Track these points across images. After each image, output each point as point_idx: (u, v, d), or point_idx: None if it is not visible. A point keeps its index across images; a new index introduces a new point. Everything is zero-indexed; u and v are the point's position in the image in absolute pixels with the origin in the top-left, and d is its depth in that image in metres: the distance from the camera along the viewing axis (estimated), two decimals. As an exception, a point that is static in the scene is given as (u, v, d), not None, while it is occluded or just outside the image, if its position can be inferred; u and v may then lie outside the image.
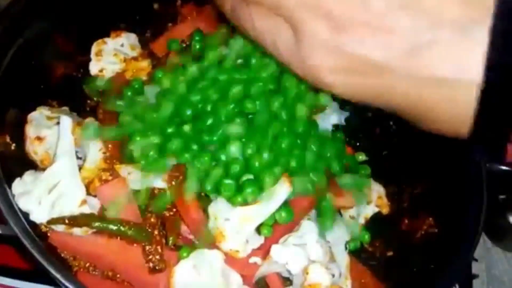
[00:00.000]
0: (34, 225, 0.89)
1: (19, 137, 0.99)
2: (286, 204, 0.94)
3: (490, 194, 1.32)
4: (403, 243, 1.11)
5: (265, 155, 0.94)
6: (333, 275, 0.92)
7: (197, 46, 1.18)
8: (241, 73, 1.02)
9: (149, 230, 0.92)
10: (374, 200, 1.13)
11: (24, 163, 0.98)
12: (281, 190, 0.93)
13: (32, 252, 0.80)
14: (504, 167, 1.28)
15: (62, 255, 0.93)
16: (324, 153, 1.05)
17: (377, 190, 1.15)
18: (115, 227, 0.90)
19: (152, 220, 0.94)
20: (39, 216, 0.89)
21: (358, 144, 1.25)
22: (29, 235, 0.82)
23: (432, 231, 1.07)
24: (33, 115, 1.02)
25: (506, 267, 1.46)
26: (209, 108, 0.98)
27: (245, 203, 0.92)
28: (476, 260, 1.43)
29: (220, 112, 0.97)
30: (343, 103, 1.28)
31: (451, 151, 1.10)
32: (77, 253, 0.93)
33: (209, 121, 0.96)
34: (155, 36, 1.25)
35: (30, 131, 0.99)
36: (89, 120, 1.01)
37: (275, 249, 0.91)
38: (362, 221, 1.12)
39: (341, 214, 1.09)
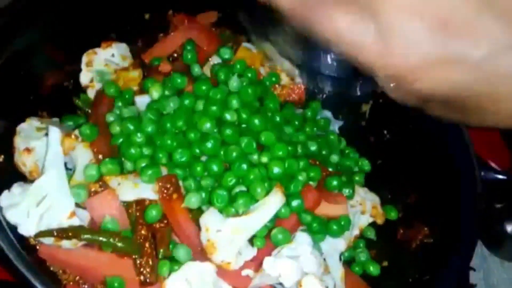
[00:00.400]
0: (22, 238, 0.87)
1: (7, 149, 0.97)
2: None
3: (487, 202, 1.32)
4: (399, 253, 1.10)
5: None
6: (327, 287, 0.90)
7: (189, 56, 1.17)
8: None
9: (140, 242, 0.91)
10: (369, 210, 1.11)
11: (12, 175, 0.96)
12: (274, 201, 0.92)
13: (18, 267, 0.78)
14: (500, 176, 1.27)
15: (51, 268, 0.91)
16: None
17: (371, 200, 1.13)
18: (105, 239, 0.88)
19: (143, 232, 0.92)
20: (27, 228, 0.87)
21: (352, 153, 1.24)
22: (15, 249, 0.80)
23: (427, 241, 1.05)
24: (22, 127, 1.00)
25: (503, 276, 1.45)
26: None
27: (237, 214, 0.91)
28: (474, 269, 1.41)
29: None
30: (336, 113, 1.28)
31: (445, 160, 1.10)
32: (66, 266, 0.91)
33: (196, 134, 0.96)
34: (146, 46, 1.24)
35: (19, 142, 0.97)
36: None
37: (268, 262, 0.89)
38: (357, 231, 1.10)
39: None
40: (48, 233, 0.87)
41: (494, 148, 1.42)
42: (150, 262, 0.89)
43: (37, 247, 0.90)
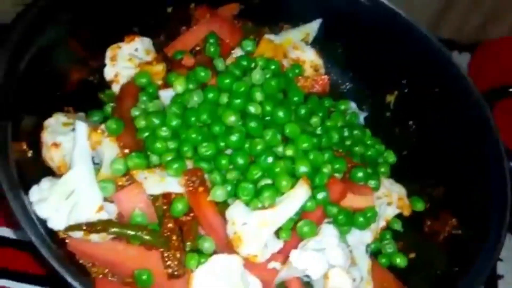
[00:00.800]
0: (52, 232, 0.88)
1: (35, 144, 0.99)
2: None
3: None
4: (426, 244, 1.09)
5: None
6: (354, 280, 0.90)
7: (211, 49, 1.17)
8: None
9: (167, 235, 0.91)
10: (395, 201, 1.10)
11: (41, 170, 0.97)
12: (300, 193, 0.91)
13: (50, 260, 0.79)
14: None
15: (81, 261, 0.92)
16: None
17: (397, 192, 1.12)
18: (132, 233, 0.89)
19: (170, 225, 0.93)
20: (56, 223, 0.88)
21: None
22: (45, 243, 0.82)
23: (456, 232, 1.04)
24: (49, 122, 1.01)
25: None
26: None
27: (263, 207, 0.91)
28: (502, 260, 1.40)
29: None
30: (360, 104, 1.27)
31: (472, 151, 1.08)
32: (95, 260, 0.92)
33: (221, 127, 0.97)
34: (169, 39, 1.24)
35: (47, 138, 0.98)
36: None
37: (294, 255, 0.89)
38: (383, 223, 1.09)
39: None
40: (77, 227, 0.88)
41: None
42: (178, 255, 0.90)
43: (66, 241, 0.91)
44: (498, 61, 1.64)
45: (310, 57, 1.22)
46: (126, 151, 0.97)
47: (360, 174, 1.05)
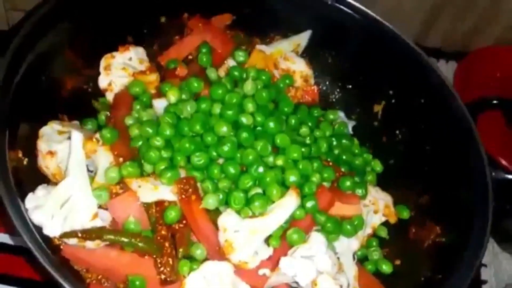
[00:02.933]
0: (47, 239, 0.90)
1: (31, 152, 1.00)
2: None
3: (498, 201, 1.34)
4: (411, 251, 1.12)
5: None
6: (341, 286, 0.93)
7: (204, 59, 1.20)
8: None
9: (160, 242, 0.94)
10: (381, 209, 1.13)
11: (36, 178, 0.99)
12: (289, 202, 0.94)
13: (46, 266, 0.81)
14: (510, 176, 1.29)
15: (75, 267, 0.94)
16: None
17: (384, 200, 1.15)
18: (126, 240, 0.92)
19: (163, 232, 0.95)
20: (52, 230, 0.90)
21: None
22: (42, 249, 0.84)
23: (439, 240, 1.07)
24: (44, 130, 1.03)
25: (514, 271, 1.47)
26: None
27: (254, 215, 0.94)
28: (485, 265, 1.43)
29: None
30: (349, 113, 1.30)
31: (457, 160, 1.12)
32: (89, 266, 0.94)
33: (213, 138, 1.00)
34: (162, 48, 1.27)
35: (42, 146, 1.00)
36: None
37: (284, 262, 0.92)
38: (370, 230, 1.12)
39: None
40: (72, 234, 0.90)
41: (505, 146, 1.44)
42: (170, 262, 0.92)
43: (61, 247, 0.93)
44: (484, 70, 1.67)
45: (300, 68, 1.24)
46: (121, 159, 0.99)
47: (347, 183, 1.08)
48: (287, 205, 0.94)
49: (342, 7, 1.24)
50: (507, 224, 1.42)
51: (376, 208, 1.13)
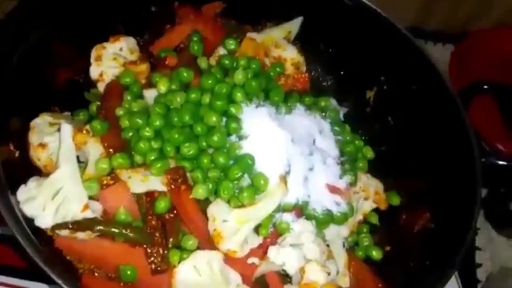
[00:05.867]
0: (39, 230, 0.92)
1: (22, 144, 1.01)
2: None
3: (491, 185, 1.34)
4: (401, 238, 1.13)
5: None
6: (329, 273, 0.94)
7: (195, 47, 1.20)
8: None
9: (151, 232, 0.95)
10: (372, 196, 1.14)
11: (28, 170, 1.00)
12: (278, 192, 0.95)
13: (36, 259, 0.82)
14: (501, 162, 1.29)
15: (68, 258, 0.95)
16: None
17: (374, 186, 1.16)
18: (117, 230, 0.93)
19: (153, 222, 0.96)
20: (43, 221, 0.92)
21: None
22: (31, 242, 0.85)
23: (429, 226, 1.08)
24: (36, 122, 1.04)
25: (510, 255, 1.48)
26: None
27: (243, 204, 0.95)
28: (480, 249, 1.45)
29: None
30: (340, 99, 1.30)
31: (446, 146, 1.12)
32: (82, 256, 0.95)
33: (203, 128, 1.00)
34: (153, 38, 1.26)
35: (33, 138, 1.01)
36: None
37: (272, 251, 0.93)
38: (360, 217, 1.13)
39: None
40: (63, 225, 0.91)
41: (499, 130, 1.44)
42: (161, 251, 0.93)
43: (54, 238, 0.94)
44: (482, 53, 1.66)
45: (291, 55, 1.24)
46: (111, 150, 1.00)
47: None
48: (275, 194, 0.95)
49: (333, -7, 1.24)
50: (502, 208, 1.43)
51: (367, 194, 1.14)
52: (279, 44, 1.25)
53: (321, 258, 0.95)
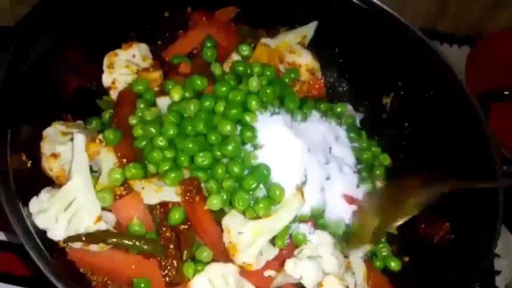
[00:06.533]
0: (51, 242, 0.90)
1: (35, 154, 1.00)
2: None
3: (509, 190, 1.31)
4: (420, 249, 1.10)
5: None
6: (348, 286, 0.92)
7: (208, 53, 1.18)
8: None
9: (165, 244, 0.93)
10: (391, 205, 1.11)
11: (40, 180, 0.99)
12: (295, 203, 0.93)
13: (46, 273, 0.81)
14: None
15: (81, 270, 0.94)
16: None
17: (392, 195, 1.13)
18: (130, 242, 0.91)
19: (167, 234, 0.95)
20: (56, 233, 0.90)
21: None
22: (42, 256, 0.83)
23: (448, 236, 1.05)
24: (48, 131, 1.02)
25: (529, 262, 1.45)
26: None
27: (259, 216, 0.93)
28: (499, 256, 1.42)
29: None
30: (356, 105, 1.28)
31: (466, 154, 1.09)
32: (95, 269, 0.94)
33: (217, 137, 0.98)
34: (166, 44, 1.25)
35: (45, 148, 1.00)
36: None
37: (289, 264, 0.91)
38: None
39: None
40: (76, 238, 0.90)
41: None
42: (175, 264, 0.92)
43: (67, 250, 0.93)
44: (498, 55, 1.64)
45: (306, 61, 1.22)
46: (124, 160, 0.98)
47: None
48: (292, 205, 0.93)
49: (348, -4, 1.22)
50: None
51: (385, 204, 1.11)
52: (293, 50, 1.23)
53: (340, 271, 0.93)
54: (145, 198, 0.95)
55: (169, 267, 0.92)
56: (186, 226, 0.95)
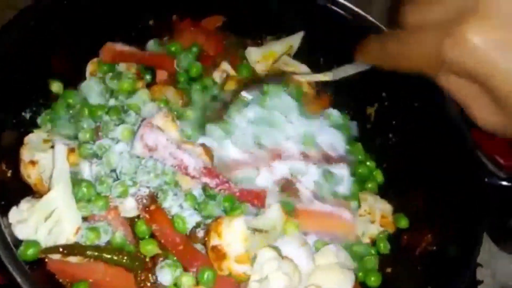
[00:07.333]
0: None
1: (15, 163, 0.99)
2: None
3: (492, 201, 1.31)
4: (402, 260, 1.09)
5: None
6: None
7: (181, 79, 1.19)
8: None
9: (142, 257, 0.93)
10: (378, 219, 1.11)
11: (21, 189, 0.98)
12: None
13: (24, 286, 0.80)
14: (505, 183, 1.26)
15: (61, 281, 0.93)
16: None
17: (381, 209, 1.13)
18: (108, 256, 0.90)
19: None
20: (35, 244, 0.89)
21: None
22: (20, 268, 0.82)
23: (431, 248, 1.05)
24: (29, 138, 1.02)
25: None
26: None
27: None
28: (481, 265, 1.42)
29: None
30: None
31: (449, 165, 1.09)
32: (74, 280, 0.92)
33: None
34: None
35: (25, 154, 0.99)
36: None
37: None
38: (367, 240, 1.10)
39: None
40: (54, 249, 0.89)
41: (505, 145, 1.41)
42: (150, 277, 0.92)
43: (46, 260, 0.91)
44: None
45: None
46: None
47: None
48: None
49: (335, 8, 1.21)
50: (504, 223, 1.40)
51: (373, 218, 1.11)
52: (286, 62, 1.23)
53: (292, 282, 0.90)
54: (122, 211, 0.96)
55: (144, 281, 0.92)
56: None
